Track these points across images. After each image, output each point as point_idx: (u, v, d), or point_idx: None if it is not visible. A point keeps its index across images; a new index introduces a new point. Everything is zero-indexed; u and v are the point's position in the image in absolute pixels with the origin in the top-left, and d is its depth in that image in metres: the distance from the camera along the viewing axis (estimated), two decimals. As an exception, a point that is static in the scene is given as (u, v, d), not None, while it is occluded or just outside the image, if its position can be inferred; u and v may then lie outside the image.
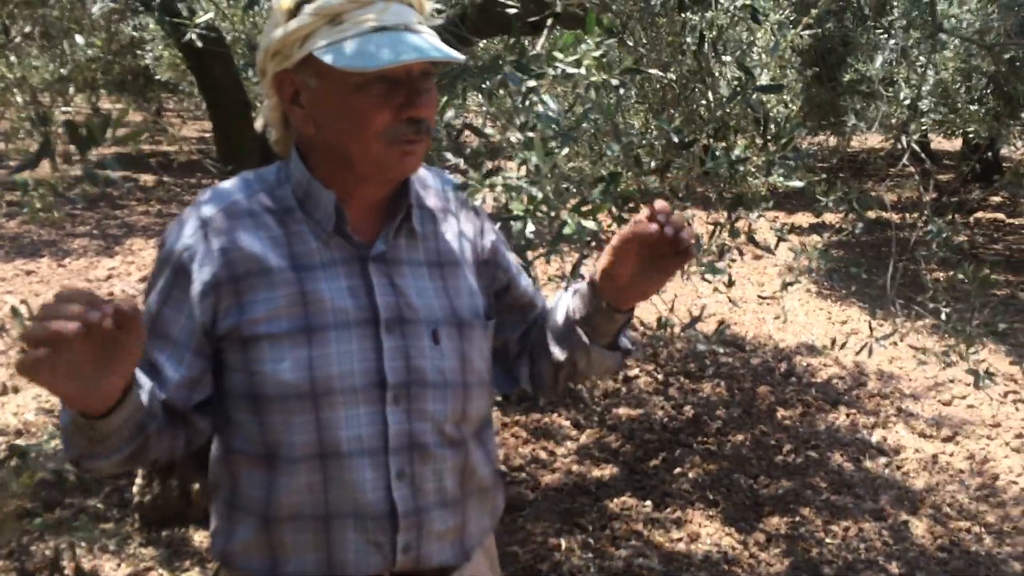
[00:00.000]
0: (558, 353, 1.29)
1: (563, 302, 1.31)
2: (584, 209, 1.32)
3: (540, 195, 1.30)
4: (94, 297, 0.92)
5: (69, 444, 1.09)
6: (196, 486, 3.02)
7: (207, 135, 12.05)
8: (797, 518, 3.32)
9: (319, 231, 1.17)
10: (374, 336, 1.16)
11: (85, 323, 0.89)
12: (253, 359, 1.13)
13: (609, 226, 1.79)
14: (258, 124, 2.65)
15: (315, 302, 1.14)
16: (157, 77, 5.93)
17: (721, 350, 4.92)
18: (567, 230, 1.32)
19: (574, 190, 1.43)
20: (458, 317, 1.22)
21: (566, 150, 1.38)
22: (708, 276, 2.22)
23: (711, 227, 1.87)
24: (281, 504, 1.15)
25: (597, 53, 1.38)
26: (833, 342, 2.28)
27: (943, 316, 2.01)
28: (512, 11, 1.76)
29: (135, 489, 3.06)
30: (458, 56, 1.10)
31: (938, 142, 11.17)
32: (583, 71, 1.39)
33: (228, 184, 1.21)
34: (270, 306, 1.13)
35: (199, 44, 2.18)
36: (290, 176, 1.19)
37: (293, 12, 1.10)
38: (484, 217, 1.34)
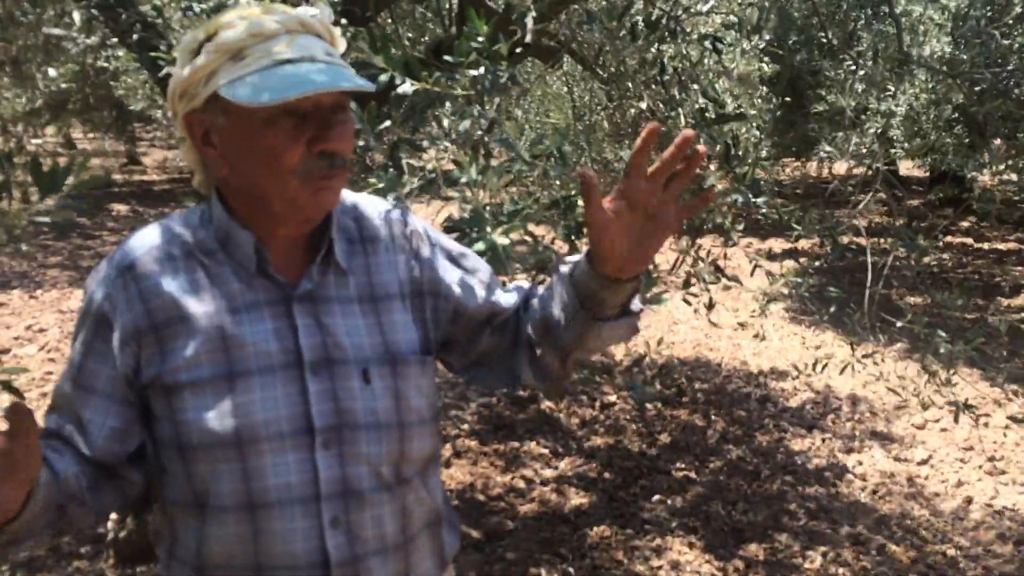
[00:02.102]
0: (565, 340, 1.21)
1: (556, 289, 1.21)
2: (500, 229, 1.32)
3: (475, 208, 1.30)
4: None
5: None
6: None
7: (181, 163, 12.00)
8: (776, 544, 3.32)
9: (241, 273, 1.14)
10: (299, 379, 1.12)
11: None
12: (177, 408, 1.10)
13: (562, 249, 1.78)
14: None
15: (237, 347, 1.10)
16: (131, 107, 5.90)
17: (696, 377, 4.94)
18: (479, 246, 1.30)
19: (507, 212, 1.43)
20: (391, 354, 1.18)
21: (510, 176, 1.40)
22: (688, 299, 2.23)
23: (676, 255, 1.88)
24: (212, 554, 1.13)
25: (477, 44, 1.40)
26: (814, 364, 2.28)
27: (904, 342, 2.04)
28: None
29: (109, 525, 3.01)
30: (367, 84, 1.06)
31: (907, 169, 11.36)
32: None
33: (148, 229, 1.18)
34: (191, 353, 1.10)
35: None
36: (212, 217, 1.16)
37: (196, 51, 1.07)
38: (423, 244, 1.26)
